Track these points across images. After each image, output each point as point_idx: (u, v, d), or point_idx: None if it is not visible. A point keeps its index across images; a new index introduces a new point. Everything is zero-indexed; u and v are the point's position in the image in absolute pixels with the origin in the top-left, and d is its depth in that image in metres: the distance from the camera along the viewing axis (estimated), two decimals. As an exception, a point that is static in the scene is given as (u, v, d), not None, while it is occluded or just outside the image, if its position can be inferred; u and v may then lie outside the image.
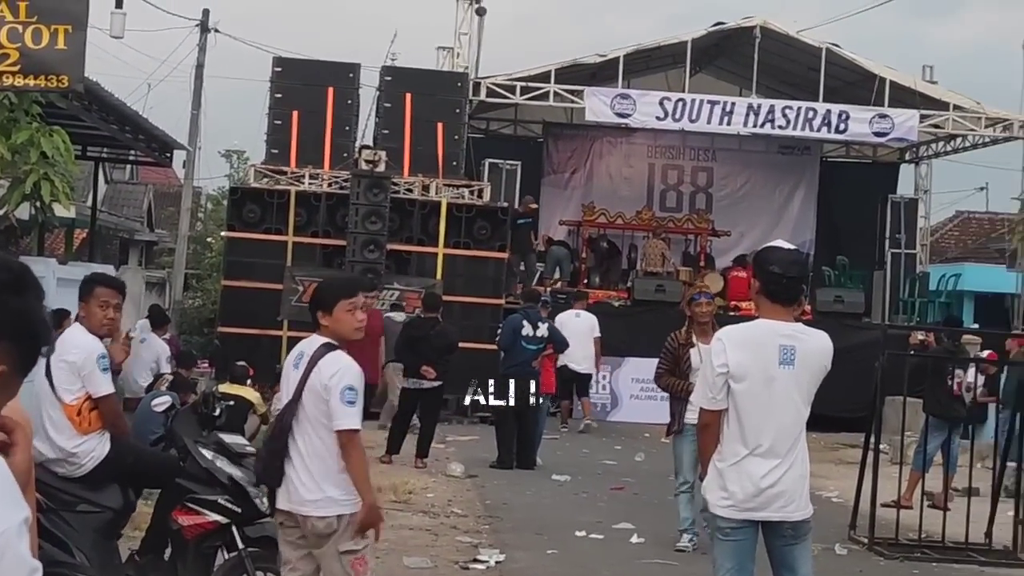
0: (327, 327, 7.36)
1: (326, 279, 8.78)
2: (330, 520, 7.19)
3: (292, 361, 7.42)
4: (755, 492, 6.89)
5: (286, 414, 7.29)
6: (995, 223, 39.92)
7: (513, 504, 15.15)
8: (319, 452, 7.20)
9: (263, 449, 7.47)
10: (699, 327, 12.23)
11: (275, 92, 26.43)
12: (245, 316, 24.25)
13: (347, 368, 7.21)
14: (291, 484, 7.25)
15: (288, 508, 7.28)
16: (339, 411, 7.13)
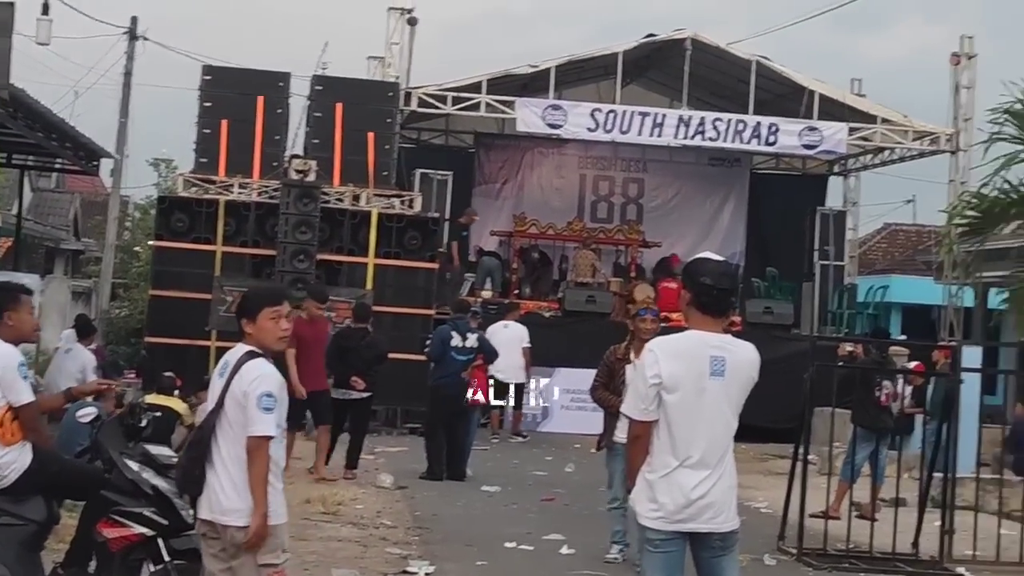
0: (251, 335, 7.34)
1: (251, 287, 8.73)
2: (247, 531, 7.14)
3: (218, 370, 7.40)
4: (685, 503, 6.87)
5: (208, 422, 7.26)
6: (922, 235, 40.29)
7: (443, 515, 15.09)
8: (241, 460, 7.16)
9: (183, 457, 7.40)
10: (640, 343, 11.57)
11: (204, 101, 26.23)
12: (173, 326, 24.05)
13: (267, 375, 7.23)
14: (213, 492, 7.21)
15: (209, 517, 7.23)
16: (255, 417, 7.15)
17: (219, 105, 26.00)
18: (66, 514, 10.12)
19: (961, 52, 29.67)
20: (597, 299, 27.98)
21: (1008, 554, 13.71)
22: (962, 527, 13.87)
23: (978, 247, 14.58)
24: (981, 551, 13.65)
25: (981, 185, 14.03)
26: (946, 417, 14.03)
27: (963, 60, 29.58)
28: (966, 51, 29.66)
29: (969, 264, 14.85)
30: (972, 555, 13.63)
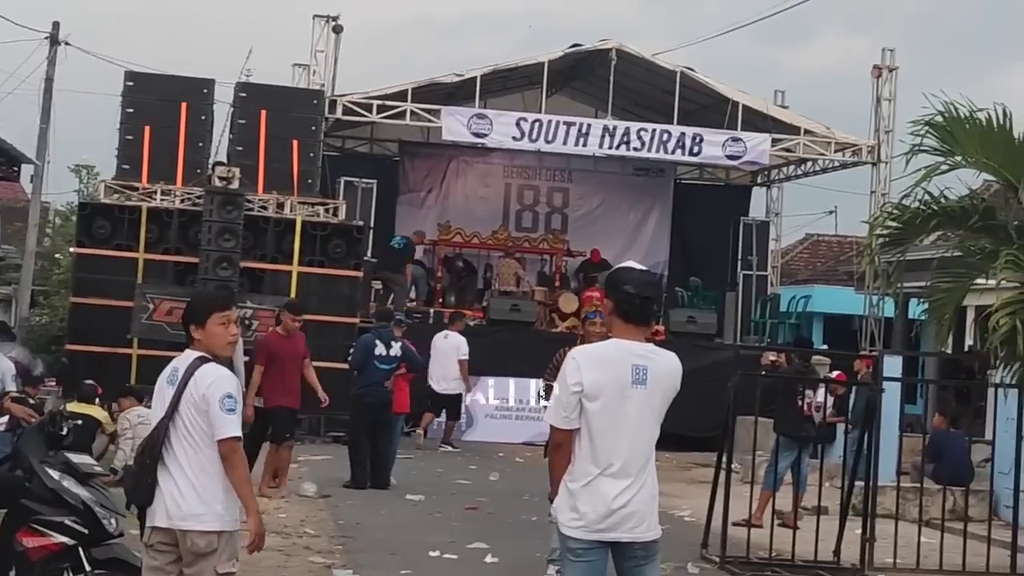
0: (199, 340, 7.35)
1: (199, 292, 8.70)
2: (211, 537, 7.18)
3: (166, 377, 7.35)
4: (606, 512, 6.87)
5: (159, 430, 7.19)
6: (844, 246, 40.62)
7: (366, 524, 15.05)
8: (203, 466, 7.17)
9: (133, 466, 7.31)
10: None
11: (127, 107, 26.00)
12: (94, 334, 23.81)
13: (223, 377, 7.26)
14: (171, 500, 7.16)
15: (167, 525, 7.17)
16: (220, 420, 7.16)
17: (142, 111, 25.79)
18: (-15, 523, 10.01)
19: (882, 64, 30.00)
20: (521, 308, 28.04)
21: (928, 562, 13.86)
22: (883, 535, 13.99)
23: (899, 258, 14.67)
24: (901, 559, 13.78)
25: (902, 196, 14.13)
26: (867, 426, 14.15)
27: (884, 72, 29.90)
28: (887, 63, 29.99)
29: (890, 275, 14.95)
30: (893, 563, 13.76)
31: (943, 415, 20.32)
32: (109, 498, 8.76)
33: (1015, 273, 13.17)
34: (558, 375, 7.12)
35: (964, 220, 13.96)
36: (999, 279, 13.12)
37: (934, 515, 15.23)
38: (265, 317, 23.02)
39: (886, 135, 29.70)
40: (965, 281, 13.92)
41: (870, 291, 28.91)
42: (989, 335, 12.94)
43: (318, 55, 28.36)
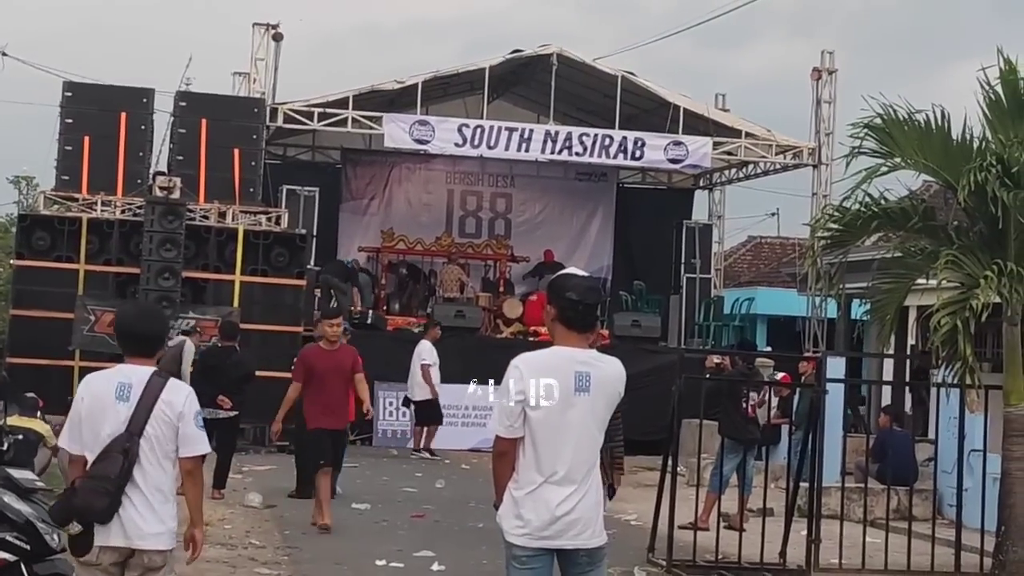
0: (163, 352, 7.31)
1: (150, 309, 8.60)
2: (166, 554, 7.17)
3: (114, 393, 7.17)
4: (550, 520, 6.85)
5: (130, 448, 7.07)
6: (786, 248, 40.80)
7: (312, 534, 14.97)
8: (159, 484, 7.15)
9: (105, 484, 7.05)
10: None
11: (65, 117, 25.85)
12: (34, 346, 23.63)
13: (193, 393, 7.30)
14: (128, 519, 7.09)
15: (125, 544, 7.09)
16: (196, 436, 7.22)
17: (81, 122, 25.65)
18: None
19: (822, 67, 30.18)
20: (467, 314, 28.03)
21: (873, 562, 13.93)
22: (828, 535, 14.06)
23: (841, 259, 14.78)
24: (847, 559, 13.85)
25: (843, 198, 14.23)
26: (811, 427, 14.22)
27: (824, 75, 30.09)
28: (827, 66, 30.17)
29: (832, 276, 15.04)
30: (839, 563, 13.83)
31: (887, 414, 20.45)
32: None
33: (955, 273, 13.29)
34: (502, 383, 7.07)
35: (904, 221, 14.08)
36: (939, 279, 13.24)
37: (879, 515, 15.32)
38: (209, 327, 22.90)
39: (826, 137, 29.88)
40: (906, 282, 14.04)
41: (813, 293, 29.00)
42: (931, 335, 13.05)
43: (258, 63, 28.25)
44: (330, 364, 14.96)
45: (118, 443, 7.07)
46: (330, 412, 15.06)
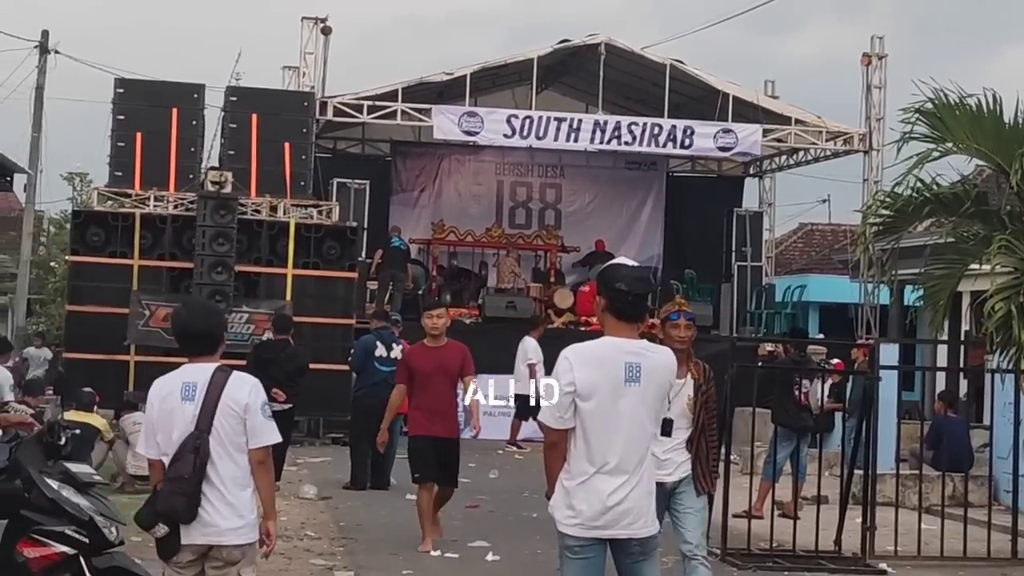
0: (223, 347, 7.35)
1: (206, 306, 8.64)
2: (246, 548, 7.23)
3: (179, 394, 7.22)
4: (602, 510, 6.88)
5: (201, 446, 7.11)
6: (838, 234, 40.67)
7: (367, 525, 15.05)
8: (235, 478, 7.19)
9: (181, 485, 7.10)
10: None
11: (117, 113, 26.01)
12: (90, 341, 23.81)
13: (257, 384, 7.35)
14: (204, 515, 7.13)
15: (204, 541, 7.14)
16: (264, 427, 7.26)
17: (133, 118, 25.80)
18: (-15, 535, 10.01)
19: (872, 52, 30.00)
20: (517, 305, 28.04)
21: (929, 548, 13.88)
22: (883, 523, 14.02)
23: (893, 245, 14.70)
24: (902, 546, 13.80)
25: (894, 184, 14.16)
26: (865, 414, 14.17)
27: (874, 60, 29.91)
28: (877, 51, 29.99)
29: (884, 262, 14.98)
30: (894, 550, 13.78)
31: (942, 400, 20.35)
32: (109, 507, 8.76)
33: (1008, 258, 13.19)
34: (552, 374, 7.08)
35: (957, 206, 13.99)
36: (993, 264, 13.14)
37: (934, 502, 15.27)
38: (261, 321, 23.04)
39: (877, 123, 29.72)
40: (959, 267, 13.95)
41: (865, 279, 28.92)
42: (985, 320, 12.97)
43: (307, 57, 28.37)
44: (434, 364, 13.36)
45: (188, 443, 7.12)
46: (436, 417, 13.45)
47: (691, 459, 9.57)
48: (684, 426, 9.49)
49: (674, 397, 9.02)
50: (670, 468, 9.38)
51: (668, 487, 9.35)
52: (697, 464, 9.60)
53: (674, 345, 9.13)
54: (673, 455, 9.45)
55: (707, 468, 9.71)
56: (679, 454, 9.52)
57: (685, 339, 9.57)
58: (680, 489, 9.52)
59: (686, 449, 9.54)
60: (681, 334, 9.57)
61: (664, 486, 9.04)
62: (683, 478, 9.52)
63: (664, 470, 9.07)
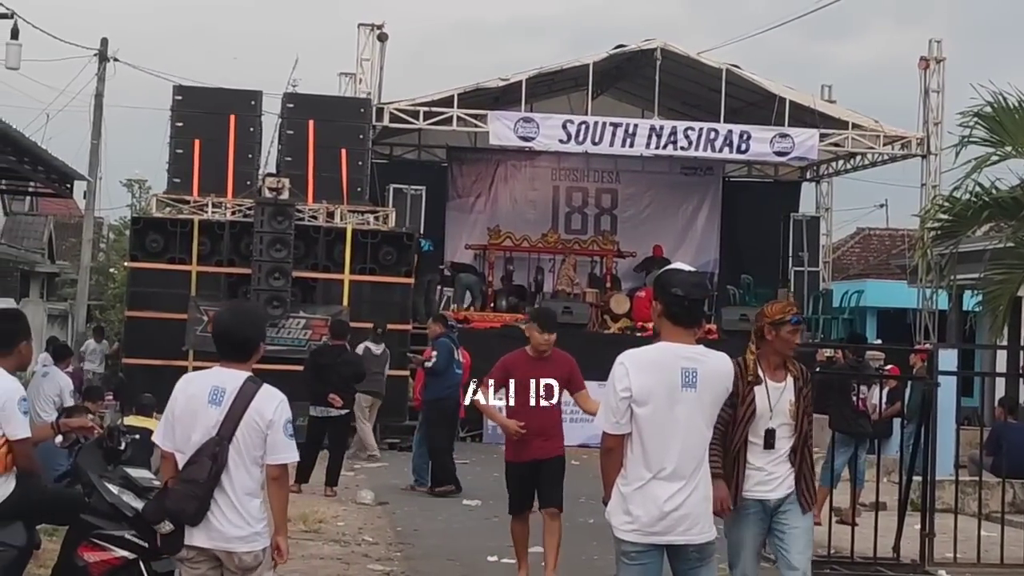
0: (260, 356, 7.33)
1: (249, 312, 8.65)
2: (258, 552, 7.19)
3: (207, 397, 7.19)
4: (659, 516, 6.87)
5: (220, 453, 7.11)
6: (896, 239, 40.45)
7: (424, 530, 15.08)
8: (247, 488, 7.15)
9: (194, 488, 7.09)
10: (772, 359, 8.55)
11: (176, 120, 26.20)
12: (149, 347, 23.98)
13: (285, 401, 7.23)
14: (213, 522, 7.11)
15: (209, 546, 7.15)
16: (283, 444, 7.16)
17: (191, 125, 25.98)
18: (47, 539, 10.10)
19: (930, 56, 29.83)
20: (574, 310, 28.02)
21: (989, 556, 13.76)
22: (942, 529, 13.89)
23: (952, 250, 14.64)
24: (962, 553, 13.68)
25: (953, 188, 14.11)
26: (924, 420, 14.08)
27: (932, 64, 29.74)
28: (935, 55, 29.82)
29: (943, 267, 14.95)
30: (953, 557, 13.66)
31: (1002, 406, 20.19)
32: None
33: (1069, 263, 13.09)
34: (608, 379, 7.05)
35: (1016, 210, 13.89)
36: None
37: (994, 508, 15.14)
38: (319, 326, 23.13)
39: (935, 127, 29.55)
40: (1019, 272, 13.86)
41: (923, 284, 28.78)
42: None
43: (364, 63, 28.48)
44: (536, 376, 11.92)
45: (208, 447, 7.09)
46: (541, 434, 12.18)
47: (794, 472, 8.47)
48: (787, 435, 8.42)
49: (775, 403, 8.32)
50: (773, 483, 8.38)
51: (771, 505, 8.42)
52: (801, 478, 8.51)
53: (787, 351, 8.55)
54: (777, 468, 8.38)
55: (812, 482, 8.65)
56: (783, 467, 8.41)
57: (796, 343, 8.74)
58: (784, 507, 8.43)
59: (789, 461, 8.44)
60: (797, 340, 8.74)
61: (767, 504, 8.38)
62: (787, 495, 8.42)
63: (767, 485, 8.35)
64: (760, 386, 8.35)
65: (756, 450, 8.30)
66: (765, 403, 8.31)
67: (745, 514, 8.39)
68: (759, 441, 8.29)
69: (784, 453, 8.39)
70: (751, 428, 8.30)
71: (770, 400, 8.31)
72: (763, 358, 8.44)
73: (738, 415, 8.29)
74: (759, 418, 8.29)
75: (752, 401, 8.31)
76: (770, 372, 8.40)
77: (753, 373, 8.39)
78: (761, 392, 8.34)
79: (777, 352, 8.48)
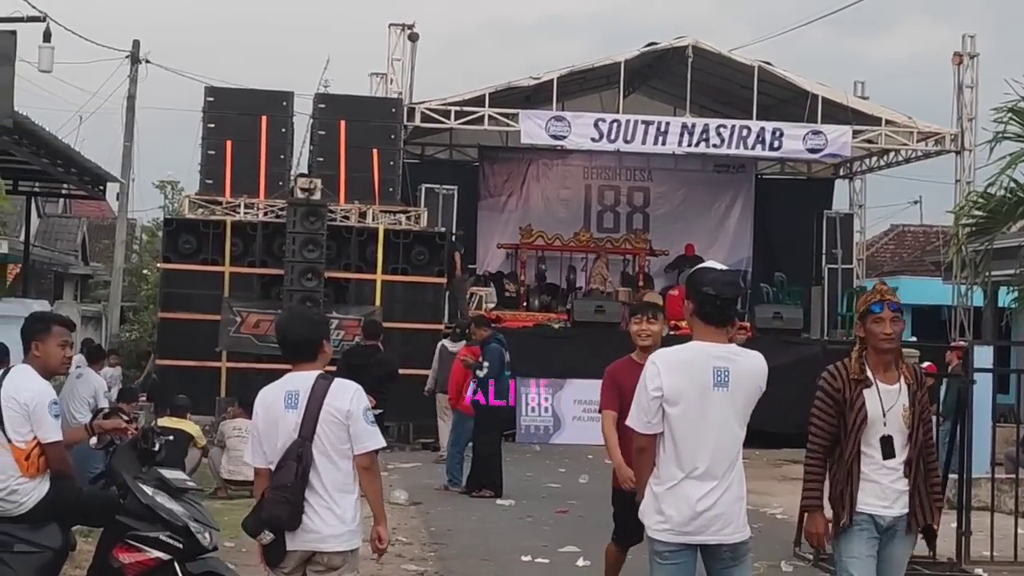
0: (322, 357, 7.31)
1: (303, 313, 8.65)
2: (347, 555, 7.26)
3: (283, 402, 7.22)
4: (692, 515, 6.85)
5: (304, 454, 7.13)
6: (930, 236, 40.27)
7: (458, 530, 15.07)
8: (339, 484, 7.19)
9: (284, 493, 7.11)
10: (877, 358, 7.58)
11: (208, 122, 26.29)
12: (182, 348, 24.07)
13: (359, 390, 7.29)
14: (308, 522, 7.15)
15: (307, 548, 7.17)
16: (366, 432, 7.20)
17: (223, 126, 26.07)
18: (82, 540, 10.14)
19: (963, 51, 29.68)
20: (606, 309, 27.96)
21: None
22: (979, 528, 13.82)
23: (986, 246, 14.58)
24: (999, 551, 13.60)
25: (987, 184, 14.06)
26: (959, 418, 14.00)
27: (965, 59, 29.60)
28: (968, 50, 29.66)
29: (978, 263, 14.86)
30: (990, 556, 13.59)
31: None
32: (203, 512, 8.84)
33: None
34: (639, 380, 7.00)
35: (1051, 207, 13.81)
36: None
37: (1030, 506, 15.02)
38: (351, 327, 23.16)
39: (969, 123, 29.40)
40: (1055, 268, 13.77)
41: (958, 281, 28.60)
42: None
43: (395, 63, 28.51)
44: None
45: (291, 451, 7.13)
46: None
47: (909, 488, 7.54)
48: (902, 444, 7.52)
49: (888, 409, 7.45)
50: (890, 498, 7.51)
51: (884, 523, 7.52)
52: (916, 495, 7.55)
53: (880, 345, 7.51)
54: (895, 483, 7.51)
55: (928, 498, 7.63)
56: (900, 480, 7.52)
57: (892, 336, 7.53)
58: (894, 527, 7.57)
59: (904, 475, 7.53)
60: (887, 330, 7.51)
61: (880, 521, 7.51)
62: (904, 513, 7.56)
63: (883, 500, 7.50)
64: (870, 389, 7.49)
65: (871, 461, 7.50)
66: (877, 408, 7.46)
67: (857, 530, 7.51)
68: (875, 451, 7.51)
69: (900, 464, 7.51)
70: (864, 437, 7.48)
71: (883, 404, 7.48)
72: (869, 357, 7.56)
73: (848, 422, 7.51)
74: (872, 425, 7.46)
75: (862, 406, 7.47)
76: (880, 373, 7.53)
77: (858, 373, 7.53)
78: (872, 396, 7.48)
79: (876, 350, 7.54)
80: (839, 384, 7.54)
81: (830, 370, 7.61)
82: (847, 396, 7.48)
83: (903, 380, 7.55)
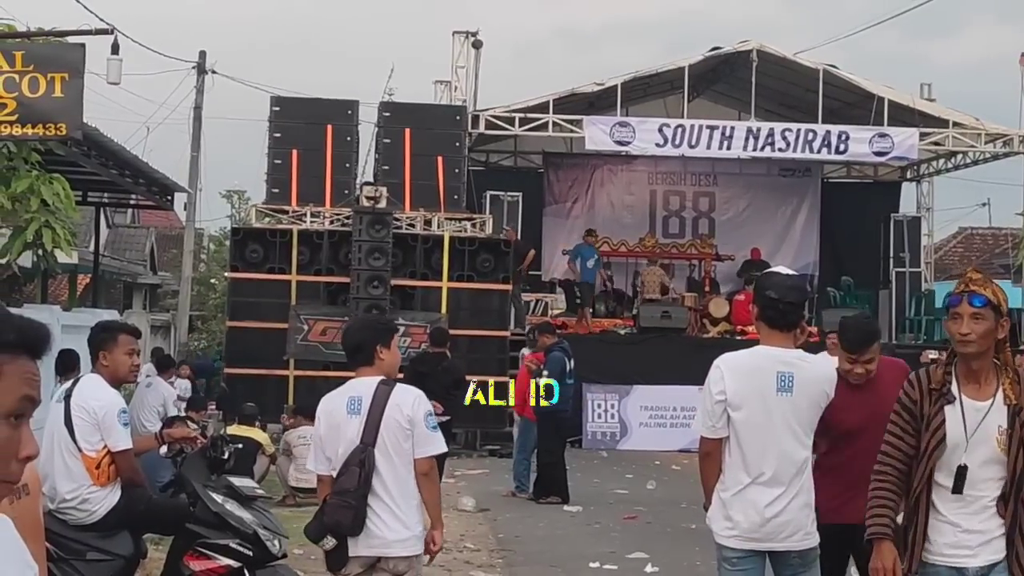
0: (382, 361, 7.33)
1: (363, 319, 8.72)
2: (411, 560, 7.28)
3: (345, 408, 7.25)
4: (760, 522, 6.81)
5: (367, 459, 7.16)
6: (999, 238, 39.96)
7: (525, 537, 15.08)
8: (404, 490, 7.22)
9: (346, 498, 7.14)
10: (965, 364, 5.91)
11: (274, 131, 26.46)
12: (250, 356, 24.19)
13: (421, 395, 7.34)
14: (372, 528, 7.18)
15: (371, 553, 7.21)
16: (429, 438, 7.25)
17: (289, 135, 26.22)
18: (153, 548, 10.21)
19: (1031, 51, 29.40)
20: (672, 315, 27.90)
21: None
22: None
23: (1057, 248, 14.42)
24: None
25: (1057, 186, 13.89)
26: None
27: (1033, 60, 29.30)
28: (1036, 50, 29.38)
29: (1048, 266, 14.71)
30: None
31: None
32: (272, 520, 8.89)
33: None
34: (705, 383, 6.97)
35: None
36: None
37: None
38: (418, 334, 23.21)
39: (1037, 124, 29.13)
40: None
41: (1028, 283, 28.35)
42: None
43: (459, 71, 28.59)
44: (863, 414, 7.44)
45: (354, 456, 7.16)
46: (857, 491, 6.72)
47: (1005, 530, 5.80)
48: (994, 476, 5.80)
49: (973, 431, 5.77)
50: (973, 543, 5.80)
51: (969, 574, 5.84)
52: (1017, 536, 5.76)
53: (959, 349, 5.86)
54: (981, 523, 5.81)
55: None
56: (990, 520, 5.80)
57: (970, 337, 5.80)
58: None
59: (998, 513, 5.81)
60: (963, 329, 5.81)
61: (963, 573, 5.84)
62: (994, 563, 5.79)
63: (963, 548, 5.81)
64: (953, 405, 5.85)
65: (944, 494, 5.85)
66: (959, 428, 5.81)
67: None
68: (947, 482, 5.84)
69: (991, 501, 5.80)
70: (938, 463, 5.85)
71: (965, 424, 5.80)
72: (958, 366, 5.93)
73: (922, 444, 5.90)
74: (951, 450, 5.82)
75: (940, 425, 5.85)
76: (968, 385, 5.87)
77: (939, 385, 5.90)
78: (954, 413, 5.84)
79: (960, 355, 5.89)
80: (916, 395, 5.96)
81: (910, 379, 6.11)
82: (925, 411, 5.91)
83: (1002, 395, 5.88)
